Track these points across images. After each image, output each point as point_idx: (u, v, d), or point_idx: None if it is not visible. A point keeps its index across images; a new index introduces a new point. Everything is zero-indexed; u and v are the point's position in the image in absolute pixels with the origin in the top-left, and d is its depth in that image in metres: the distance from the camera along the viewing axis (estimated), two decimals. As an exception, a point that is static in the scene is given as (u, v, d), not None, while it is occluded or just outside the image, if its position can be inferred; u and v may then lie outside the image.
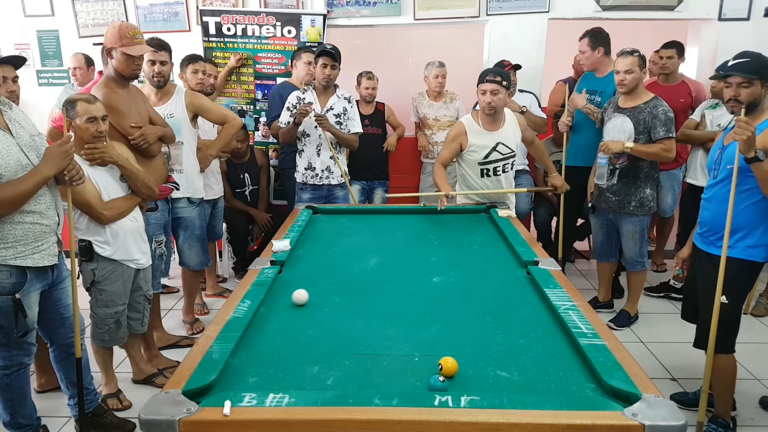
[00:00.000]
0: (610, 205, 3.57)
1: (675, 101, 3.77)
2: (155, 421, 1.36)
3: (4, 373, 2.33)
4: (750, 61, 2.41)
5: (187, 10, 4.69)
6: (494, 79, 3.23)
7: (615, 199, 3.54)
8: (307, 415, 1.37)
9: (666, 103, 3.40)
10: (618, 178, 3.52)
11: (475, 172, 3.42)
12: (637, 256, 3.63)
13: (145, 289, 2.87)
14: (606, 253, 3.83)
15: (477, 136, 3.36)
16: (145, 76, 3.25)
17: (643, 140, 3.38)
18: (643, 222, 3.56)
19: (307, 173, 3.86)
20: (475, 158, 3.38)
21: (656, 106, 3.36)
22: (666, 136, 3.32)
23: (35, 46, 4.87)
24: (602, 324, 1.85)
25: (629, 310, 3.76)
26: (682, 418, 1.34)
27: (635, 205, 3.50)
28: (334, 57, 3.72)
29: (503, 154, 3.38)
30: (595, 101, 3.90)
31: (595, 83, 3.96)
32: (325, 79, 3.76)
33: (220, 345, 1.72)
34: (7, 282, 2.17)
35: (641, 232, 3.58)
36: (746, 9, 4.55)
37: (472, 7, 4.60)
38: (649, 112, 3.35)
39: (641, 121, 3.37)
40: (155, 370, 3.10)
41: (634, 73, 3.35)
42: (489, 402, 1.40)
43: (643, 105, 3.39)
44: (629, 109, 3.44)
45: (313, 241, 2.90)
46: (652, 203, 3.53)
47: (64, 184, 2.27)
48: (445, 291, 2.26)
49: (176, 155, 3.33)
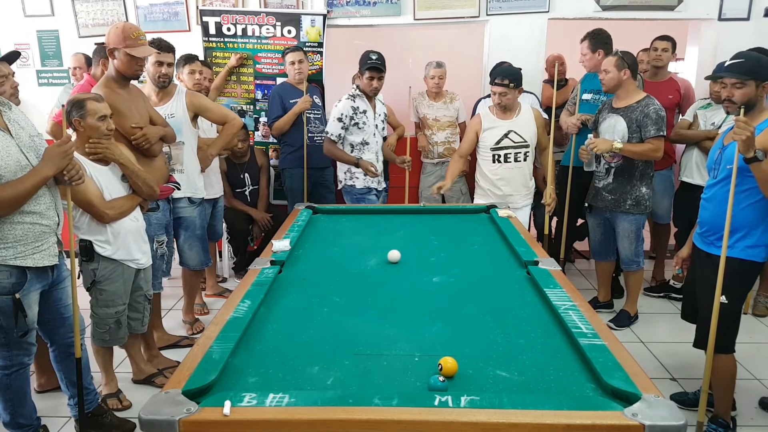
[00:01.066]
0: (607, 204, 3.59)
1: (663, 98, 3.77)
2: (155, 421, 1.36)
3: (4, 373, 2.33)
4: (744, 62, 2.42)
5: (187, 10, 4.69)
6: (501, 82, 3.50)
7: (611, 197, 3.57)
8: (307, 415, 1.37)
9: (658, 102, 3.42)
10: (613, 176, 3.54)
11: (488, 158, 3.66)
12: (633, 256, 3.64)
13: (146, 289, 2.87)
14: (603, 253, 3.84)
15: (490, 123, 3.65)
16: (149, 76, 3.26)
17: (636, 139, 3.41)
18: (639, 221, 3.58)
19: (368, 178, 3.91)
20: (488, 144, 3.64)
21: (648, 104, 3.39)
22: (656, 135, 3.35)
23: (35, 46, 4.87)
24: (602, 324, 1.85)
25: (629, 309, 3.77)
26: (682, 418, 1.34)
27: (631, 203, 3.52)
28: (380, 69, 3.74)
29: (515, 142, 3.61)
30: (600, 101, 3.91)
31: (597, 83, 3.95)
32: (373, 91, 3.83)
33: (220, 345, 1.72)
34: (7, 282, 2.17)
35: (637, 231, 3.60)
36: (746, 9, 4.55)
37: (472, 7, 4.60)
38: (641, 111, 3.39)
39: (634, 120, 3.40)
40: (155, 370, 3.10)
41: (610, 74, 3.44)
42: (489, 402, 1.40)
43: (635, 104, 3.43)
44: (622, 108, 3.47)
45: (313, 241, 2.90)
46: (648, 202, 3.55)
47: (64, 184, 2.27)
48: (445, 291, 2.26)
49: (177, 155, 3.34)
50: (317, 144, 4.30)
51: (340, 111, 3.81)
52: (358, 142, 3.84)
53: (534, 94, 4.41)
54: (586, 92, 4.09)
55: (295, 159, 4.24)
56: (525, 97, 4.25)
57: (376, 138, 3.90)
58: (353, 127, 3.83)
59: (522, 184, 3.69)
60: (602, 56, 3.95)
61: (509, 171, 3.65)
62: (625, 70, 3.42)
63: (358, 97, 3.84)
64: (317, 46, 4.59)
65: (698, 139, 3.85)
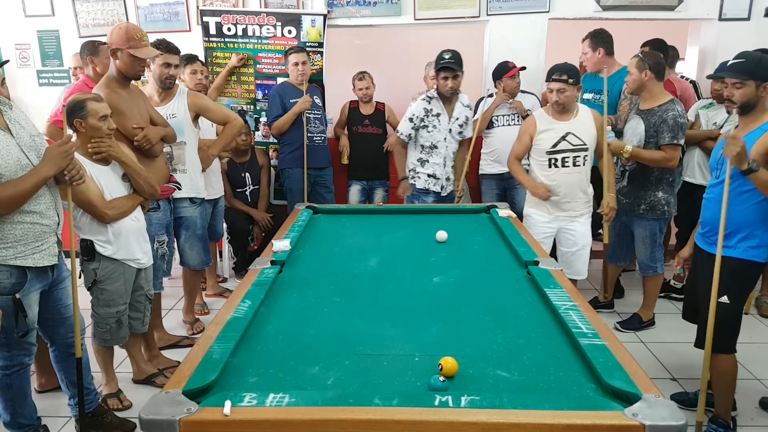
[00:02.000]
0: (622, 207, 3.51)
1: None
2: (155, 421, 1.36)
3: (4, 373, 2.33)
4: (744, 62, 2.43)
5: (187, 10, 4.70)
6: (560, 78, 3.21)
7: (625, 201, 3.50)
8: (307, 415, 1.37)
9: (681, 107, 3.32)
10: (628, 180, 3.49)
11: (543, 163, 3.33)
12: (649, 261, 3.55)
13: (146, 289, 2.87)
14: (617, 256, 3.75)
15: (546, 125, 3.33)
16: (155, 77, 3.27)
17: (652, 144, 3.32)
18: (655, 226, 3.48)
19: (430, 180, 3.88)
20: (544, 147, 3.32)
21: (667, 110, 3.28)
22: (670, 143, 3.25)
23: (35, 46, 4.87)
24: (602, 324, 1.85)
25: (642, 315, 3.67)
26: (682, 418, 1.34)
27: (645, 208, 3.44)
28: (453, 68, 3.62)
29: (573, 145, 3.28)
30: (600, 100, 3.89)
31: (598, 83, 3.95)
32: (449, 91, 3.69)
33: (221, 345, 1.72)
34: (7, 282, 2.17)
35: (652, 236, 3.50)
36: (746, 9, 4.55)
37: (472, 7, 4.60)
38: (660, 116, 3.29)
39: (652, 125, 3.31)
40: (155, 370, 3.10)
41: (633, 75, 3.35)
42: (489, 402, 1.40)
43: (656, 108, 3.32)
44: (644, 111, 3.39)
45: (313, 241, 2.90)
46: (666, 207, 3.44)
47: (64, 184, 2.27)
48: (446, 291, 2.26)
49: (179, 155, 3.34)
50: (317, 144, 4.30)
51: (413, 111, 3.77)
52: (427, 145, 3.81)
53: (534, 94, 4.40)
54: (587, 92, 4.10)
55: (295, 159, 4.24)
56: (526, 98, 4.25)
57: (447, 143, 3.79)
58: (422, 129, 3.78)
59: (581, 189, 3.35)
60: (602, 55, 3.95)
61: (567, 176, 3.31)
62: (646, 71, 3.31)
63: (435, 99, 3.75)
64: (317, 46, 4.59)
65: (700, 139, 3.84)
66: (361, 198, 4.55)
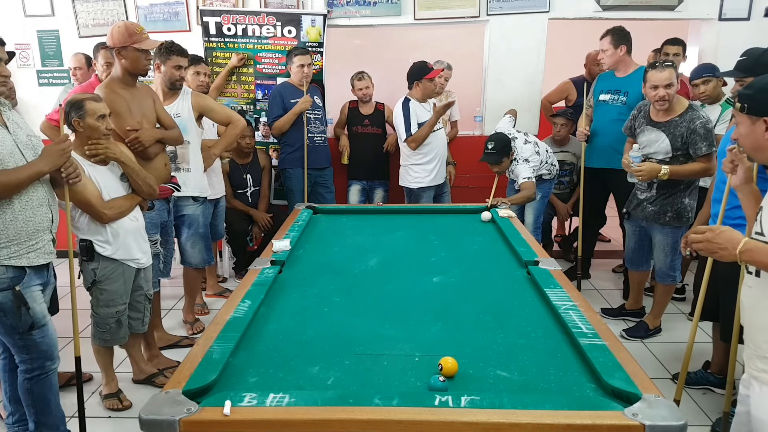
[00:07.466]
0: (647, 215, 3.36)
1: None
2: (155, 421, 1.36)
3: (25, 377, 2.30)
4: (746, 59, 2.43)
5: (187, 10, 4.69)
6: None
7: (652, 209, 3.33)
8: (307, 415, 1.37)
9: (704, 112, 3.18)
10: (656, 190, 3.32)
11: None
12: (668, 269, 3.41)
13: (146, 289, 2.86)
14: (636, 261, 3.61)
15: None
16: (166, 79, 3.29)
17: (681, 156, 3.15)
18: (677, 234, 3.31)
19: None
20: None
21: (693, 119, 3.09)
22: (708, 152, 3.06)
23: (35, 46, 4.86)
24: (602, 324, 1.86)
25: (649, 322, 3.53)
26: (682, 418, 1.34)
27: (671, 216, 3.28)
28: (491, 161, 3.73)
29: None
30: (620, 101, 3.85)
31: (617, 83, 3.90)
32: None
33: (221, 345, 1.72)
34: (5, 276, 2.14)
35: (674, 243, 3.34)
36: (746, 9, 4.55)
37: (472, 7, 4.60)
38: (686, 126, 3.09)
39: (678, 137, 3.12)
40: (155, 370, 3.10)
41: (675, 86, 3.11)
42: (489, 402, 1.41)
43: (678, 119, 3.13)
44: (664, 123, 3.18)
45: (313, 241, 2.90)
46: (690, 214, 3.28)
47: (61, 182, 2.27)
48: (446, 291, 2.26)
49: (183, 154, 3.35)
50: (317, 144, 4.30)
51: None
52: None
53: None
54: (603, 92, 4.00)
55: (295, 159, 4.24)
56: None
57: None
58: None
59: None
60: (624, 52, 3.88)
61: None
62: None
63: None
64: (317, 46, 4.58)
65: None
66: (361, 198, 4.55)
